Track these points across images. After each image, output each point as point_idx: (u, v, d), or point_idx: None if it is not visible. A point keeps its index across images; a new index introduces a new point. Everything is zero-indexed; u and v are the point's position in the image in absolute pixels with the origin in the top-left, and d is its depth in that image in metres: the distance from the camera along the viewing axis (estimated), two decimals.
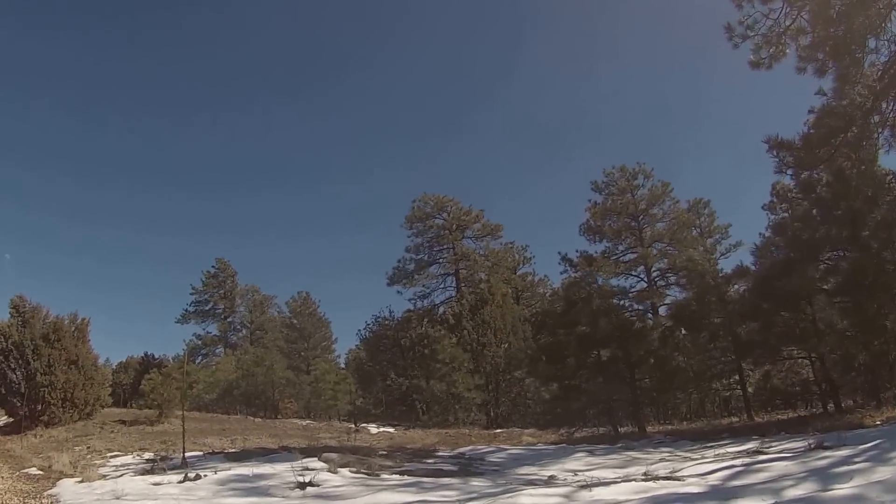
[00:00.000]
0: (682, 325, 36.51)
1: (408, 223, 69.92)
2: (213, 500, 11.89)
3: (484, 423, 47.11)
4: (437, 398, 50.38)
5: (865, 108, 23.18)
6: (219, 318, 77.01)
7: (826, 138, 24.81)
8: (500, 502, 10.56)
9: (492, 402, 51.06)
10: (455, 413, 48.70)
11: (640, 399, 35.60)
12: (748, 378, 38.19)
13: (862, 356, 28.55)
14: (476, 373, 49.85)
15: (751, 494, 9.64)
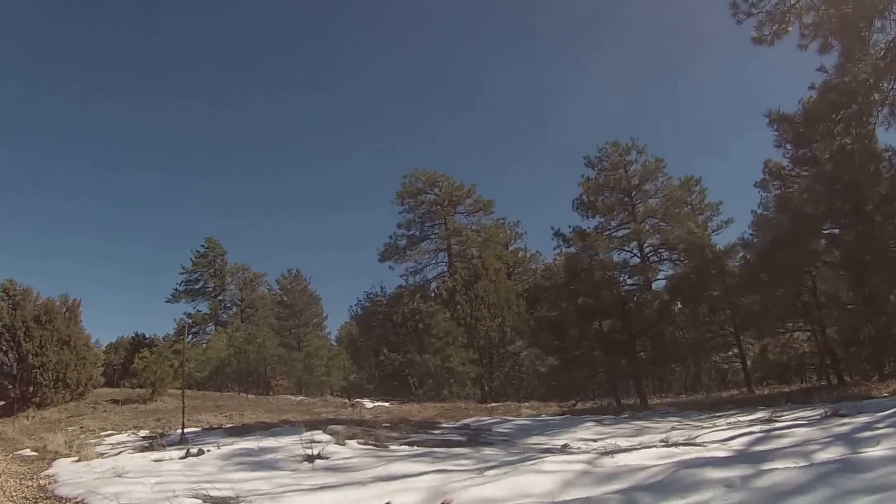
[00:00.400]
0: (682, 297, 36.68)
1: (399, 199, 69.54)
2: (219, 475, 11.39)
3: (479, 398, 47.09)
4: (432, 373, 50.33)
5: (868, 85, 23.35)
6: (209, 296, 76.41)
7: (827, 113, 25.29)
8: (524, 469, 10.24)
9: (486, 376, 51.03)
10: (450, 387, 48.79)
11: (641, 371, 35.81)
12: (748, 352, 38.08)
13: (867, 329, 28.51)
14: (470, 347, 49.95)
15: (780, 458, 9.31)
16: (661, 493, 7.80)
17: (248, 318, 71.24)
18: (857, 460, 8.23)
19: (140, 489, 10.27)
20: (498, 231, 70.71)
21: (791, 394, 25.65)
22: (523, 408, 32.00)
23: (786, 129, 28.74)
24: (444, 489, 9.15)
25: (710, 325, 36.53)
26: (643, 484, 8.54)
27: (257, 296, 76.38)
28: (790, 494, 6.90)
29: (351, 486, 9.79)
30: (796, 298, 30.59)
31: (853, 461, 8.15)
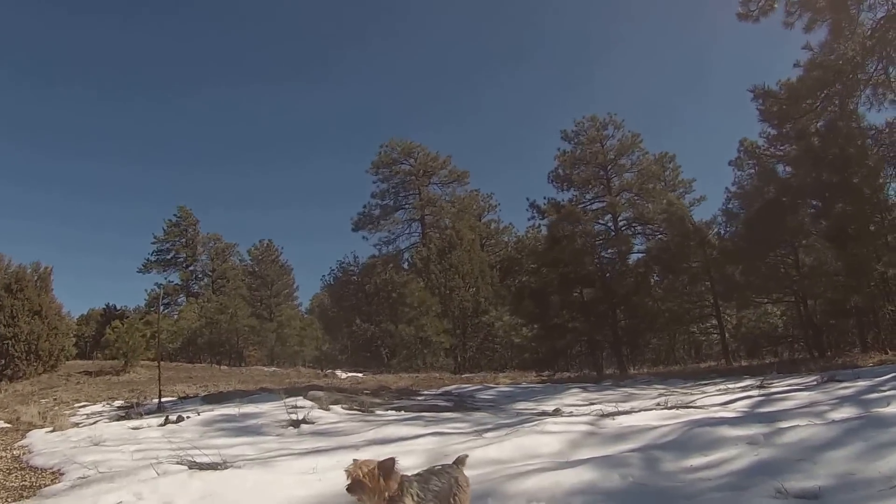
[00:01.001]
0: (661, 267, 36.99)
1: (374, 168, 69.38)
2: (202, 441, 10.90)
3: (452, 368, 47.01)
4: (406, 342, 50.29)
5: (855, 63, 23.87)
6: (181, 267, 75.28)
7: (812, 90, 25.83)
8: (526, 430, 9.91)
9: (459, 347, 51.20)
10: (423, 358, 48.82)
11: (621, 340, 36.07)
12: (726, 324, 38.10)
13: (853, 300, 28.46)
14: (444, 317, 50.07)
15: (793, 418, 9.19)
16: (681, 451, 7.52)
17: (219, 288, 70.27)
18: (881, 416, 8.03)
19: (119, 457, 9.87)
20: (472, 202, 70.83)
21: (775, 364, 25.61)
22: (499, 378, 31.57)
23: (771, 103, 29.01)
24: (445, 451, 8.82)
25: (689, 295, 36.82)
26: (658, 443, 8.32)
27: (229, 266, 75.24)
28: (822, 449, 6.65)
29: (345, 450, 9.45)
30: (780, 269, 30.66)
31: (877, 417, 7.93)
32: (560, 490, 6.25)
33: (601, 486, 6.34)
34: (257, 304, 67.71)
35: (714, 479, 6.34)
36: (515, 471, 7.17)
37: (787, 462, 6.40)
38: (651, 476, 6.66)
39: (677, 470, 6.87)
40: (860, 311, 29.71)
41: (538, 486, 6.38)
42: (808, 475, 5.82)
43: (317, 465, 8.28)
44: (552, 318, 36.15)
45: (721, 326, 36.77)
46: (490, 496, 6.23)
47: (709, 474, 6.54)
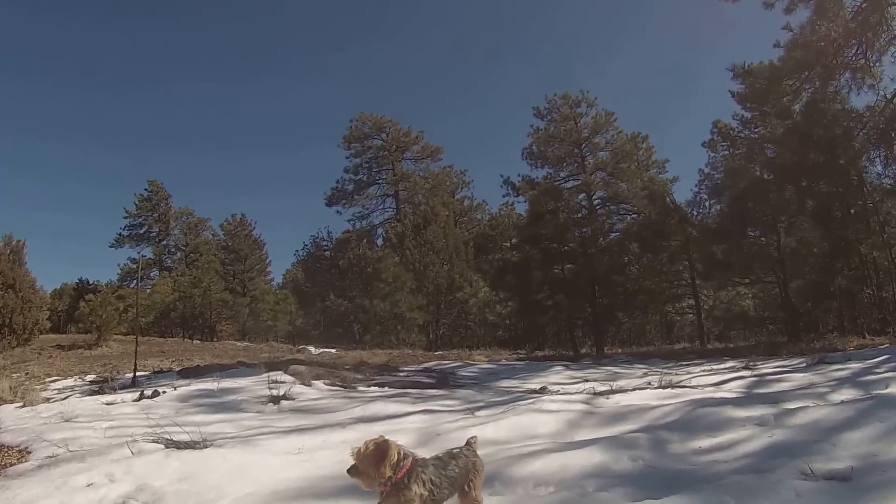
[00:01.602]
0: (641, 245, 36.83)
1: (346, 143, 69.42)
2: (178, 418, 10.22)
3: (425, 345, 46.93)
4: (380, 318, 50.13)
5: (837, 44, 24.20)
6: (153, 241, 74.53)
7: (794, 70, 26.11)
8: (521, 409, 9.57)
9: (433, 324, 51.47)
10: (397, 334, 48.71)
11: (600, 318, 36.10)
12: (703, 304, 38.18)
13: (836, 282, 28.72)
14: (418, 293, 50.04)
15: (795, 399, 8.91)
16: (688, 432, 7.29)
17: (192, 263, 69.92)
18: (890, 397, 7.84)
19: (91, 434, 9.32)
20: (445, 178, 71.08)
21: (754, 346, 25.27)
22: (475, 355, 31.42)
23: (752, 83, 29.15)
24: (436, 430, 8.50)
25: (667, 274, 36.89)
26: (661, 423, 8.05)
27: (202, 240, 75.03)
28: (838, 430, 6.42)
29: (331, 429, 9.01)
30: (762, 249, 30.75)
31: (886, 398, 7.71)
32: (570, 473, 5.93)
33: (613, 468, 6.04)
34: (230, 278, 67.88)
35: (730, 460, 6.11)
36: (517, 452, 6.86)
37: (804, 443, 6.16)
38: (661, 458, 6.39)
39: (687, 452, 6.64)
40: (840, 294, 29.81)
41: (546, 469, 6.06)
42: (831, 457, 5.59)
43: (303, 445, 7.81)
44: (534, 293, 36.09)
45: (698, 307, 36.78)
46: (496, 479, 5.86)
47: (723, 456, 6.30)
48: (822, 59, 25.13)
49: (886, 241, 26.97)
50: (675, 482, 5.47)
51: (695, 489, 5.10)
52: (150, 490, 6.16)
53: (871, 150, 27.13)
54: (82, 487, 6.31)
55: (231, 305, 58.91)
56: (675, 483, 5.43)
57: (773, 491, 4.79)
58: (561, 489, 5.58)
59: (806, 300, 31.21)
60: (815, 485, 4.90)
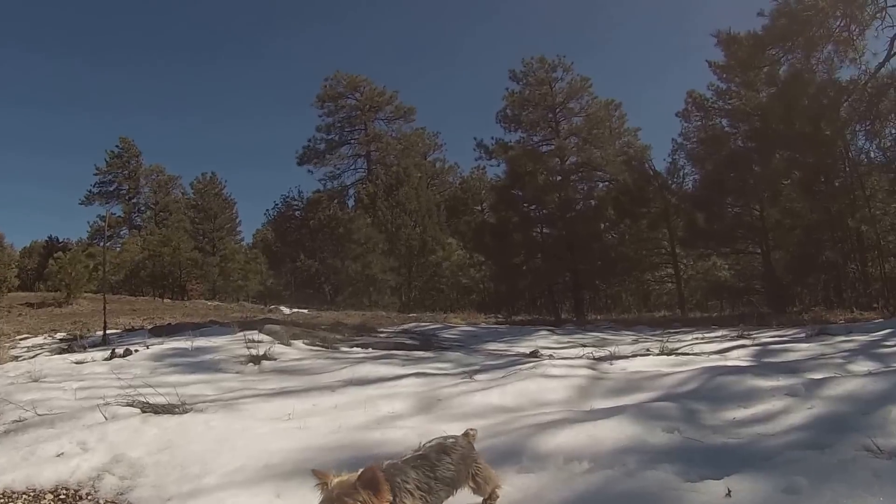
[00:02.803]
0: (620, 211, 36.88)
1: (319, 101, 69.20)
2: (153, 379, 9.60)
3: (398, 307, 46.62)
4: (352, 280, 50.36)
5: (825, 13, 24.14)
6: (123, 199, 74.83)
7: (778, 39, 26.00)
8: (525, 374, 9.01)
9: (405, 286, 51.54)
10: (369, 295, 48.86)
11: (581, 283, 36.32)
12: (683, 274, 38.37)
13: (825, 255, 28.81)
14: (391, 255, 50.20)
15: (815, 370, 8.57)
16: (715, 401, 6.76)
17: (162, 221, 69.96)
18: None
19: (61, 396, 8.70)
20: (418, 140, 71.45)
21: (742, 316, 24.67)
22: (451, 317, 31.24)
23: (734, 51, 28.91)
24: (436, 395, 7.94)
25: (646, 242, 37.19)
26: (683, 392, 7.56)
27: (171, 199, 75.16)
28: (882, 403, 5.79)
29: (318, 392, 8.44)
30: (745, 218, 31.05)
31: None
32: (603, 447, 5.39)
33: (650, 442, 5.51)
34: (200, 237, 67.98)
35: (777, 434, 5.58)
36: (534, 421, 6.28)
37: (852, 416, 5.67)
38: (699, 430, 5.85)
39: (725, 423, 6.11)
40: (828, 266, 29.76)
41: (575, 442, 5.49)
42: (888, 431, 5.06)
43: (292, 410, 7.16)
44: (512, 256, 36.24)
45: (678, 275, 36.92)
46: (523, 453, 5.29)
47: (766, 429, 5.78)
48: (807, 29, 24.95)
49: (873, 216, 26.62)
50: (725, 458, 4.95)
51: (755, 467, 4.57)
52: (126, 462, 5.54)
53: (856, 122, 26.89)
54: (52, 458, 5.66)
55: (201, 265, 58.95)
56: (726, 459, 4.91)
57: (846, 471, 4.24)
58: (599, 465, 4.99)
59: (788, 272, 31.00)
60: (891, 462, 4.37)
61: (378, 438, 5.90)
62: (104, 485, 5.27)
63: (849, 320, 20.77)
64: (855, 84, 26.25)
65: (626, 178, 37.26)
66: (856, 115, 26.39)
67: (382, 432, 6.13)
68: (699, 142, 36.33)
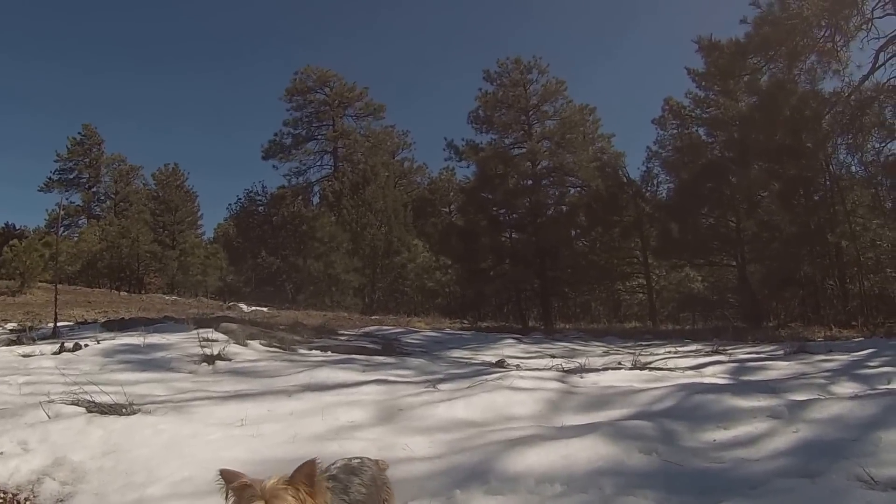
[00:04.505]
0: (591, 219, 36.88)
1: (288, 95, 68.78)
2: (102, 376, 9.35)
3: (360, 309, 46.17)
4: (314, 279, 49.91)
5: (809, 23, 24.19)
6: (83, 187, 73.42)
7: (760, 47, 26.02)
8: (491, 385, 8.70)
9: (369, 287, 51.29)
10: (331, 296, 48.26)
11: (550, 291, 36.05)
12: (655, 285, 38.56)
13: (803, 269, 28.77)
14: (355, 255, 49.81)
15: (795, 390, 8.34)
16: (693, 421, 6.60)
17: (121, 212, 68.82)
18: None
19: (5, 390, 8.30)
20: (387, 138, 71.39)
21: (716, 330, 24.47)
22: (414, 321, 31.17)
23: (715, 58, 29.12)
24: (397, 404, 7.63)
25: (619, 250, 37.28)
26: (658, 410, 7.36)
27: (132, 189, 73.92)
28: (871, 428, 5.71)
29: (274, 396, 8.07)
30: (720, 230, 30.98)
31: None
32: (577, 468, 5.14)
33: (627, 464, 5.29)
34: (160, 229, 67.36)
35: (762, 459, 5.41)
36: (502, 437, 6.01)
37: (840, 442, 5.50)
38: (678, 453, 5.63)
39: (704, 445, 5.93)
40: (806, 282, 29.70)
41: (546, 461, 5.23)
42: (882, 461, 4.89)
43: (245, 415, 6.81)
44: (479, 261, 36.03)
45: (649, 286, 37.05)
46: (490, 473, 5.00)
47: (750, 453, 5.61)
48: (790, 38, 24.90)
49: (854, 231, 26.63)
50: (708, 485, 4.77)
51: (742, 495, 4.44)
52: (69, 465, 5.18)
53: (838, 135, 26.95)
54: None
55: (160, 258, 58.48)
56: (709, 486, 4.73)
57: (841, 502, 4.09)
58: (573, 489, 4.74)
59: (764, 286, 30.94)
60: (886, 495, 4.22)
61: (336, 451, 5.46)
62: (44, 489, 4.93)
63: (828, 337, 20.77)
64: (838, 96, 26.35)
65: (598, 184, 37.23)
66: (838, 128, 26.46)
67: (340, 444, 5.83)
68: (675, 150, 36.41)
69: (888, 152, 26.61)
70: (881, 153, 26.75)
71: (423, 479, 5.02)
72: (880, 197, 27.67)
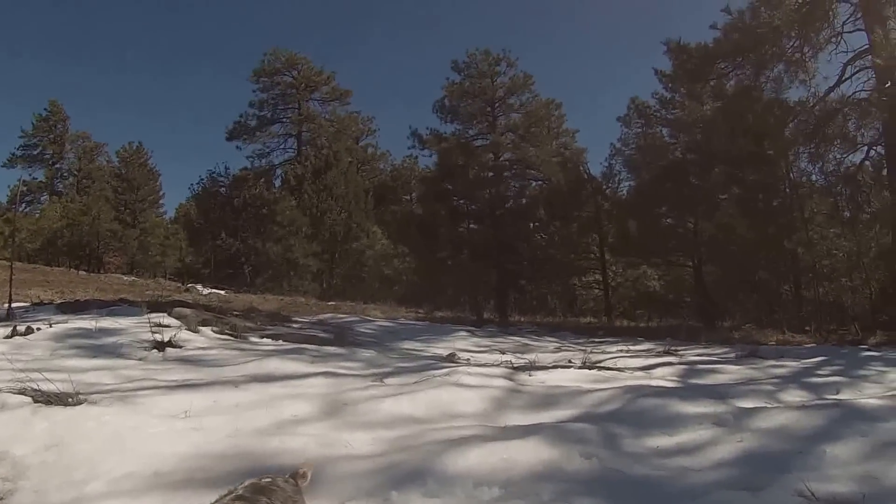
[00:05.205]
0: (550, 213, 37.44)
1: (255, 76, 68.61)
2: (52, 362, 9.27)
3: (318, 294, 45.71)
4: (272, 262, 50.01)
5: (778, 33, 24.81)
6: (47, 164, 73.37)
7: (729, 53, 26.90)
8: (438, 381, 8.78)
9: (327, 273, 51.34)
10: (289, 280, 48.17)
11: (505, 283, 36.28)
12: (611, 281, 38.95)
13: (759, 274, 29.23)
14: (314, 239, 49.90)
15: (743, 396, 8.50)
16: (637, 426, 6.67)
17: (84, 189, 68.77)
18: (859, 407, 7.17)
19: None
20: (351, 123, 71.31)
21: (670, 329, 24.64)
22: (370, 309, 30.76)
23: (683, 61, 29.52)
24: (342, 398, 7.63)
25: (576, 246, 37.60)
26: (601, 412, 7.45)
27: (95, 167, 74.02)
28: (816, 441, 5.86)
29: (221, 387, 8.03)
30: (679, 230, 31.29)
31: (855, 408, 7.13)
32: (517, 471, 5.14)
33: (567, 469, 5.30)
34: (121, 208, 67.19)
35: (704, 469, 5.46)
36: (444, 436, 6.04)
37: (785, 454, 5.60)
38: (619, 458, 5.68)
39: (646, 451, 5.96)
40: (761, 286, 30.12)
41: (486, 463, 5.25)
42: (825, 476, 5.00)
43: (190, 406, 6.75)
44: (437, 251, 36.32)
45: (605, 282, 37.48)
46: (428, 474, 4.99)
47: (692, 462, 5.65)
48: (759, 46, 25.53)
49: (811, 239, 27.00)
50: (648, 494, 4.85)
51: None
52: (10, 460, 5.04)
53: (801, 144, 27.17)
54: None
55: (120, 237, 58.68)
56: (649, 495, 4.81)
57: None
58: (510, 494, 4.75)
59: (719, 288, 31.39)
60: None
61: (276, 447, 5.62)
62: None
63: (780, 342, 20.88)
64: (803, 105, 26.67)
65: (560, 179, 37.52)
66: (801, 137, 26.60)
67: (282, 440, 5.84)
68: (638, 149, 36.52)
69: (849, 163, 26.85)
70: (842, 164, 26.96)
71: (361, 477, 5.02)
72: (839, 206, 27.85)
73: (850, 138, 25.95)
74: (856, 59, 25.18)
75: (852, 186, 26.98)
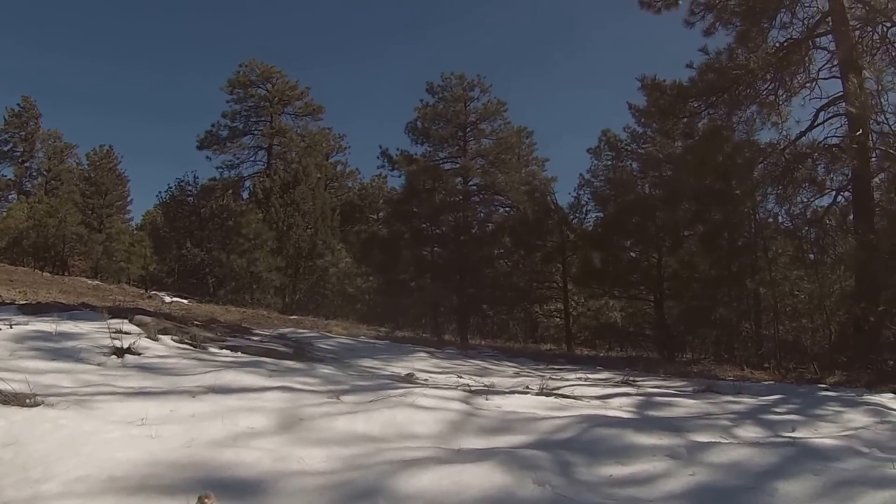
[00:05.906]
0: (515, 241, 37.48)
1: (229, 87, 68.41)
2: (10, 363, 9.20)
3: (280, 308, 46.23)
4: (236, 275, 49.93)
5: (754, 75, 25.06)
6: (16, 161, 73.42)
7: (703, 92, 26.92)
8: (394, 401, 8.82)
9: (290, 287, 51.58)
10: (252, 293, 48.34)
11: (466, 307, 36.24)
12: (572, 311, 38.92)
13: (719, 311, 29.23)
14: (279, 254, 50.12)
15: (697, 430, 8.54)
16: (591, 455, 6.70)
17: (52, 190, 68.63)
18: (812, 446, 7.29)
19: None
20: (322, 139, 71.60)
21: (629, 360, 24.97)
22: (332, 325, 30.86)
23: (657, 97, 29.40)
24: (298, 414, 7.69)
25: (539, 274, 38.21)
26: (557, 440, 7.43)
27: (65, 168, 73.84)
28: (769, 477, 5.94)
29: (178, 396, 8.05)
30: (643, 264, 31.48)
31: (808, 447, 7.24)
32: (468, 495, 5.21)
33: (518, 495, 5.35)
34: (88, 212, 66.89)
35: (655, 500, 5.55)
36: (398, 456, 6.11)
37: (737, 490, 5.67)
38: (572, 486, 5.72)
39: (599, 481, 5.99)
40: (721, 322, 30.11)
41: (438, 486, 5.30)
42: None
43: (146, 414, 6.76)
44: (400, 272, 36.53)
45: (567, 311, 37.34)
46: (380, 494, 5.05)
47: (644, 493, 5.71)
48: (734, 87, 25.76)
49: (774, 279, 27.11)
50: None
51: None
52: None
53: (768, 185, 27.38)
54: None
55: (85, 241, 58.36)
56: None
57: None
58: None
59: (680, 322, 31.52)
60: None
61: (230, 459, 5.66)
62: None
63: (738, 377, 20.80)
64: (773, 147, 26.80)
65: (526, 207, 37.71)
66: (769, 178, 26.77)
67: (236, 452, 5.88)
68: (606, 181, 37.07)
69: (816, 207, 27.06)
70: (809, 207, 27.17)
71: (313, 493, 5.07)
72: (804, 249, 28.06)
73: (819, 182, 26.21)
74: (829, 106, 25.42)
75: (818, 230, 27.28)
